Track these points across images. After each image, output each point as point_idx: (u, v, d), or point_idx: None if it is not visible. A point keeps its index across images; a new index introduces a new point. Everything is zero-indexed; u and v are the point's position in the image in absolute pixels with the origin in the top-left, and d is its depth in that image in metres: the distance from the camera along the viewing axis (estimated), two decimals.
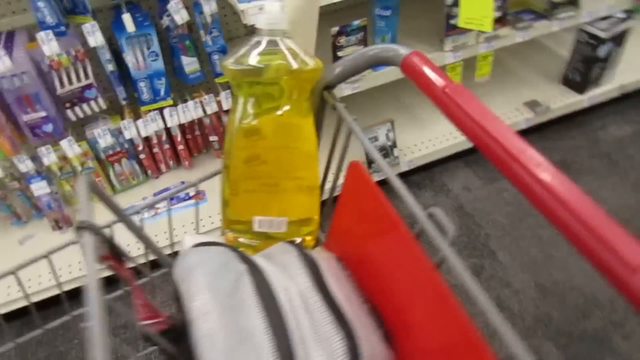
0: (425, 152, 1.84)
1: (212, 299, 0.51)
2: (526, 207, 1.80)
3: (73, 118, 1.51)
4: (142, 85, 1.52)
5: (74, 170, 1.63)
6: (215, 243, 0.61)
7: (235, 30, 1.86)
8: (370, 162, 1.74)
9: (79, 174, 1.65)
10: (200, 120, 1.72)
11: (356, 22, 1.46)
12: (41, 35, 1.27)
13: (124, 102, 1.57)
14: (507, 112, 1.97)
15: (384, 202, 0.53)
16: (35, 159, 1.51)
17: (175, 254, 0.61)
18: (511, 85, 2.11)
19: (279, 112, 0.59)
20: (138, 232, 0.60)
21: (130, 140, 1.65)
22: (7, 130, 1.42)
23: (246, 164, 0.61)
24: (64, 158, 1.56)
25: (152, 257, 0.71)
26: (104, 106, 1.54)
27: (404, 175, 1.93)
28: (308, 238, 0.65)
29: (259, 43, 0.57)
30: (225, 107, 1.65)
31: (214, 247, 0.59)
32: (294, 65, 0.57)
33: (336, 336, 0.48)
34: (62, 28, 1.30)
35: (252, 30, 1.93)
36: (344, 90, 1.57)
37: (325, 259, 0.58)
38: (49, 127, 1.45)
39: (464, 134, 0.50)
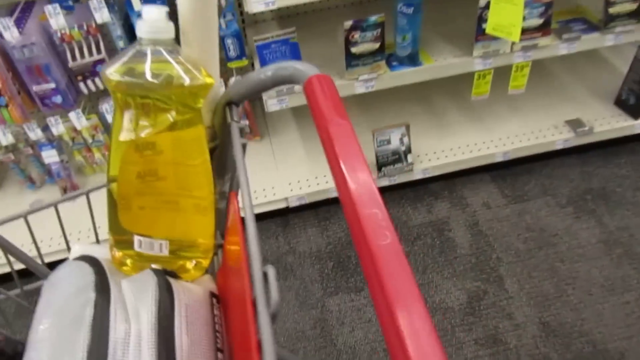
0: (444, 161, 1.72)
1: (53, 326, 0.48)
2: (548, 237, 1.65)
3: (85, 91, 1.53)
4: None
5: (85, 141, 1.66)
6: (94, 261, 0.57)
7: (252, 15, 1.81)
8: (380, 166, 1.65)
9: (90, 146, 1.68)
10: None
11: (373, 18, 1.37)
12: (49, 8, 1.28)
13: None
14: (543, 129, 1.80)
15: (241, 246, 0.46)
16: (45, 128, 1.54)
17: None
18: (555, 100, 1.92)
19: (172, 126, 0.54)
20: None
21: None
22: (18, 99, 1.45)
23: (140, 179, 0.57)
24: (74, 129, 1.59)
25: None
26: None
27: (420, 183, 1.82)
28: (194, 265, 0.60)
29: (142, 53, 0.51)
30: None
31: (86, 265, 0.55)
32: (185, 79, 0.52)
33: None
34: (70, 2, 1.30)
35: (278, 14, 1.87)
36: (357, 88, 1.49)
37: (192, 295, 0.53)
38: (58, 99, 1.48)
39: (332, 177, 0.43)
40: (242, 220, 0.47)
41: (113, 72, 0.52)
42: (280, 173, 1.76)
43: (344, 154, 0.42)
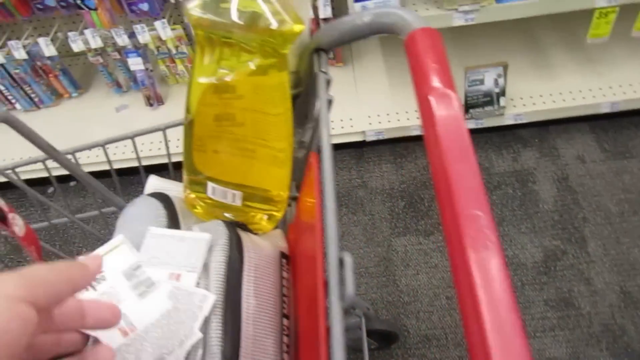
0: (541, 107, 1.57)
1: None
2: None
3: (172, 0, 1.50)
4: None
5: (169, 52, 1.65)
6: (167, 201, 0.56)
7: None
8: (469, 107, 1.53)
9: (174, 57, 1.67)
10: None
11: None
12: None
13: None
14: None
15: (317, 219, 0.43)
16: (132, 35, 1.54)
17: None
18: None
19: (254, 70, 0.49)
20: (77, 171, 0.57)
21: None
22: (106, 2, 1.45)
23: (217, 122, 0.53)
24: (159, 39, 1.58)
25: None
26: None
27: (509, 128, 1.68)
28: (267, 218, 0.57)
29: None
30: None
31: (160, 205, 0.54)
32: (273, 23, 0.46)
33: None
34: None
35: None
36: (455, 20, 1.35)
37: (262, 254, 0.50)
38: (144, 6, 1.45)
39: (427, 152, 0.38)
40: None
41: (195, 6, 0.47)
42: (361, 104, 1.68)
43: (447, 136, 0.36)
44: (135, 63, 1.63)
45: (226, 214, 0.57)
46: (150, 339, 0.42)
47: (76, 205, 1.76)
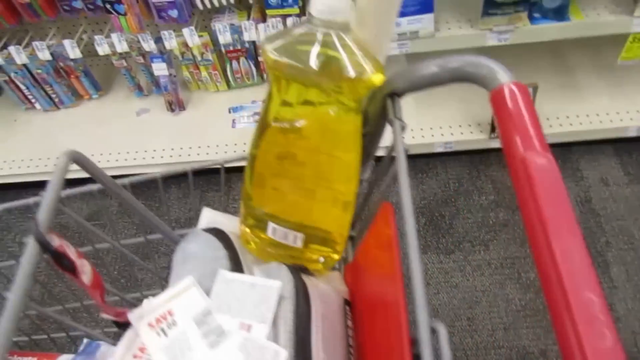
0: (567, 129, 1.56)
1: None
2: None
3: (200, 7, 1.48)
4: None
5: (194, 58, 1.64)
6: (225, 238, 0.54)
7: None
8: (495, 127, 1.51)
9: (198, 63, 1.66)
10: None
11: None
12: None
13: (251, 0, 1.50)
14: None
15: (397, 281, 0.41)
16: (158, 40, 1.53)
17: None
18: None
19: (324, 112, 0.48)
20: (137, 205, 0.55)
21: (253, 41, 1.60)
22: (136, 8, 1.43)
23: (278, 159, 0.52)
24: (185, 45, 1.57)
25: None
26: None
27: None
28: (324, 262, 0.56)
29: (309, 33, 0.44)
30: None
31: (218, 243, 0.53)
32: (351, 72, 0.45)
33: None
34: None
35: None
36: (489, 39, 1.34)
37: (328, 302, 0.49)
38: (174, 12, 1.44)
39: (524, 224, 0.36)
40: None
41: (274, 49, 0.45)
42: None
43: (550, 210, 0.34)
44: (160, 68, 1.61)
45: (281, 252, 0.56)
46: None
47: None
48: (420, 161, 1.71)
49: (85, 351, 0.53)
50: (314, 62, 0.44)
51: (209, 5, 1.48)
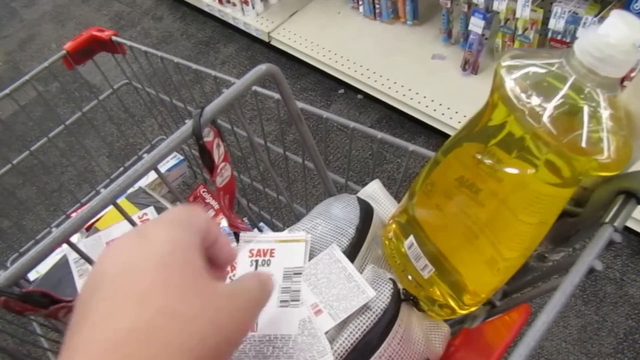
0: None
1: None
2: None
3: None
4: None
5: (514, 30, 1.52)
6: (368, 218, 0.52)
7: None
8: None
9: (516, 37, 1.53)
10: None
11: None
12: None
13: None
14: None
15: None
16: None
17: None
18: None
19: (530, 165, 0.39)
20: (309, 142, 0.56)
21: None
22: None
23: (457, 182, 0.45)
24: (512, 13, 1.45)
25: None
26: None
27: None
28: (441, 306, 0.49)
29: (562, 77, 0.35)
30: None
31: (356, 219, 0.51)
32: (581, 142, 0.34)
33: None
34: None
35: None
36: None
37: (406, 347, 0.44)
38: None
39: None
40: None
41: (512, 79, 0.38)
42: None
43: None
44: (476, 24, 1.54)
45: (403, 270, 0.51)
46: (254, 351, 0.41)
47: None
48: None
49: None
50: (550, 121, 0.35)
51: None
